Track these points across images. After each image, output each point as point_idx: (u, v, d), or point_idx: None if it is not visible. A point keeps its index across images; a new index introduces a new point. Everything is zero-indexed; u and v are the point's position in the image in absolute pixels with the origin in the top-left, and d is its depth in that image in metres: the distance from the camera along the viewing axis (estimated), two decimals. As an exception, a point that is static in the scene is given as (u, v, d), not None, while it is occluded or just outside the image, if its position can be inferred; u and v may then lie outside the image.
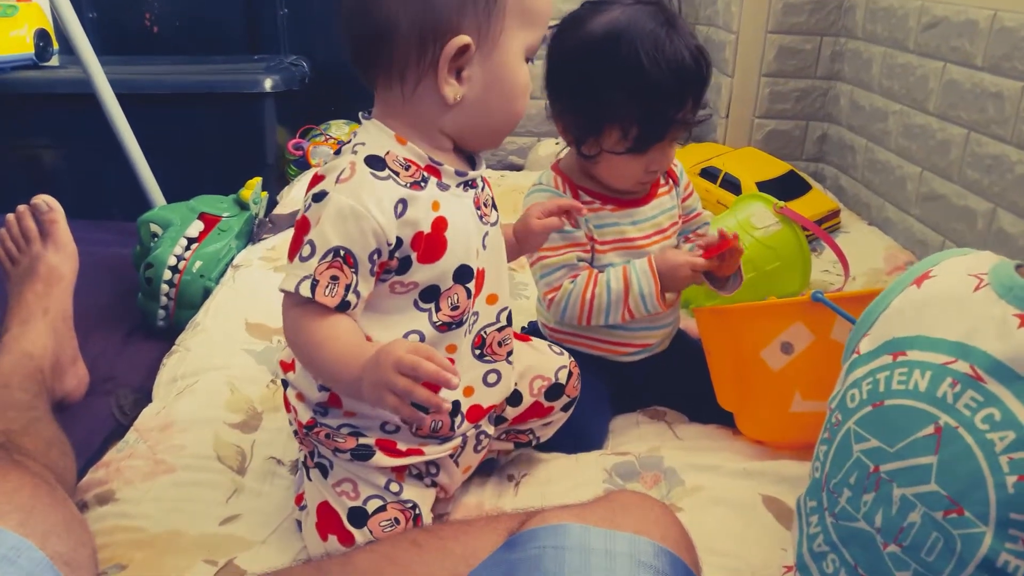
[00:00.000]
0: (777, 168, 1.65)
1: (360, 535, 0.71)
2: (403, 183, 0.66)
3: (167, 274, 1.23)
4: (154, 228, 1.30)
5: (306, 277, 0.63)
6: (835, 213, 1.61)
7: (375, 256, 0.65)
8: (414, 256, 0.67)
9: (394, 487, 0.73)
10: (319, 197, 0.64)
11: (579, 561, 0.53)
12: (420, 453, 0.74)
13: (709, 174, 1.67)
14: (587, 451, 0.91)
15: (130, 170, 1.57)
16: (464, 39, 0.63)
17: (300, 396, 0.74)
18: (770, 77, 1.91)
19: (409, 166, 0.67)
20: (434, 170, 0.68)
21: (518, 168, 2.12)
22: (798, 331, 0.85)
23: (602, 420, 0.97)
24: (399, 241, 0.66)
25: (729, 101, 1.94)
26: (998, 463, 0.48)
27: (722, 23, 1.95)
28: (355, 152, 0.66)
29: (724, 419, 0.96)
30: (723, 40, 1.94)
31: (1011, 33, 1.26)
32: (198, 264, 1.27)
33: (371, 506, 0.72)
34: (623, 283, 0.91)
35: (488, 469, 0.90)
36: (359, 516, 0.72)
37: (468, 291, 0.71)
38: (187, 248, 1.28)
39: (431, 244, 0.67)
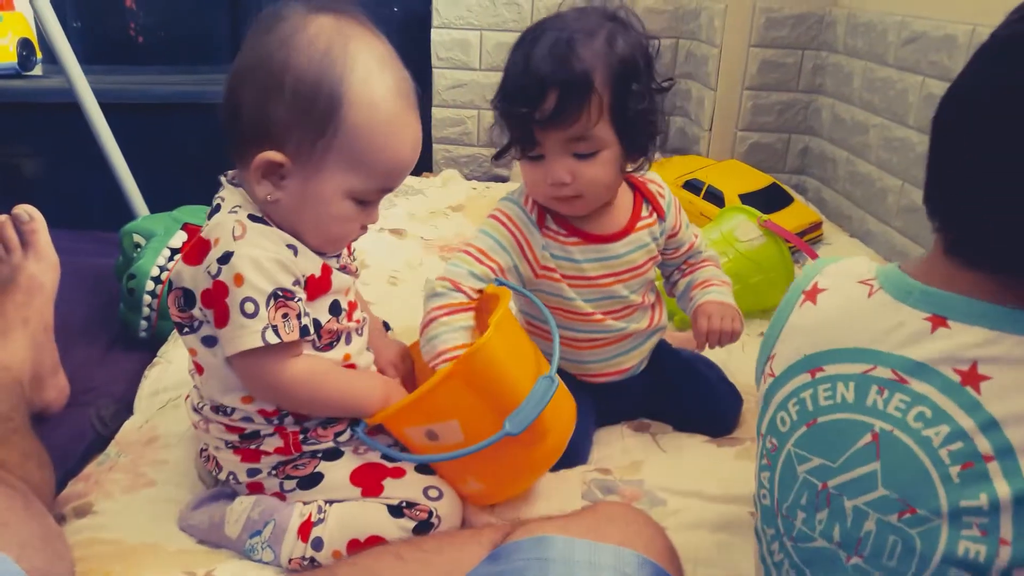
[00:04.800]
0: (760, 180, 1.66)
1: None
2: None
3: (150, 285, 1.22)
4: (137, 238, 1.29)
5: (266, 327, 0.67)
6: (817, 225, 1.62)
7: (299, 284, 0.71)
8: (304, 296, 0.72)
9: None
10: (225, 259, 0.67)
11: (563, 573, 0.53)
12: None
13: (692, 186, 1.68)
14: (571, 467, 0.90)
15: (113, 180, 1.56)
16: (277, 156, 0.69)
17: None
18: (753, 90, 1.93)
19: None
20: None
21: (503, 180, 2.12)
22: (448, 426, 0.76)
23: (586, 435, 0.95)
24: (299, 277, 0.72)
25: (712, 114, 1.95)
26: (939, 457, 0.49)
27: (705, 37, 1.97)
28: (235, 212, 0.72)
29: (710, 430, 0.97)
30: (706, 54, 1.96)
31: (988, 49, 1.28)
32: (181, 275, 1.26)
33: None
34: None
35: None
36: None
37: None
38: (170, 259, 1.27)
39: (319, 285, 0.74)
